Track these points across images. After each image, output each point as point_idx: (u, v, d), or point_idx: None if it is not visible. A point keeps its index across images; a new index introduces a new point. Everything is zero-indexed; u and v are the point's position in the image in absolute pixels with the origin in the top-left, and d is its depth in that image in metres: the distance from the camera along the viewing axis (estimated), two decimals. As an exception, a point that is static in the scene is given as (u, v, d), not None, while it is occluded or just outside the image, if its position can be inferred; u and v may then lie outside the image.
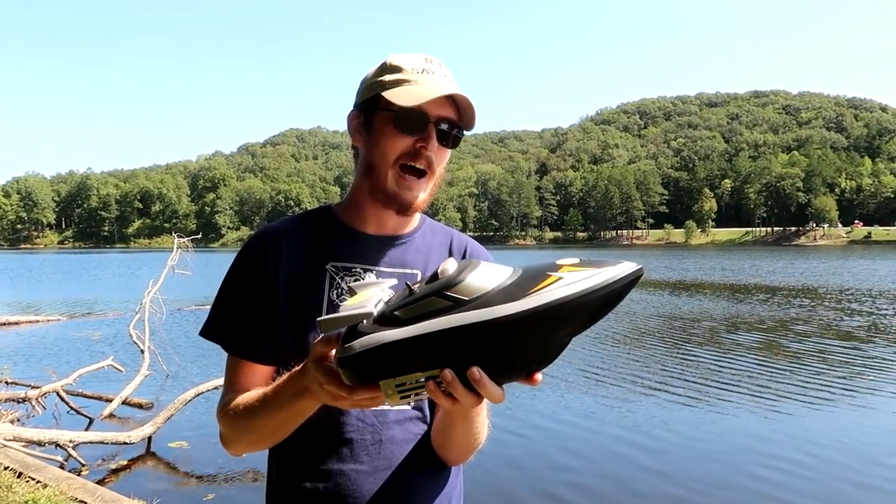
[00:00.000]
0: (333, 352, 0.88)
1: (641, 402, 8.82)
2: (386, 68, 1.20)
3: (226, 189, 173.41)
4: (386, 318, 0.84)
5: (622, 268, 0.79)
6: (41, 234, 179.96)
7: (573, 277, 0.78)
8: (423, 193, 1.21)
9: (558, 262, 0.82)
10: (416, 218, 1.34)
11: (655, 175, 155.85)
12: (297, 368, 1.02)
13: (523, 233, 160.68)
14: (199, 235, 14.03)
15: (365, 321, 0.85)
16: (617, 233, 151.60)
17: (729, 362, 11.40)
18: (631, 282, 0.79)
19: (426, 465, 1.25)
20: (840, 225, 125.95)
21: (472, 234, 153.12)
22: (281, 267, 1.23)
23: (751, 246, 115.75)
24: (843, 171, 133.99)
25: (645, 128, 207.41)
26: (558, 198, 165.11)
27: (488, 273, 0.83)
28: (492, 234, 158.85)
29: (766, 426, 7.69)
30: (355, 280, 1.23)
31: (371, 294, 0.88)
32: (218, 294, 1.28)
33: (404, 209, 1.21)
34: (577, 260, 0.82)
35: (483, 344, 0.80)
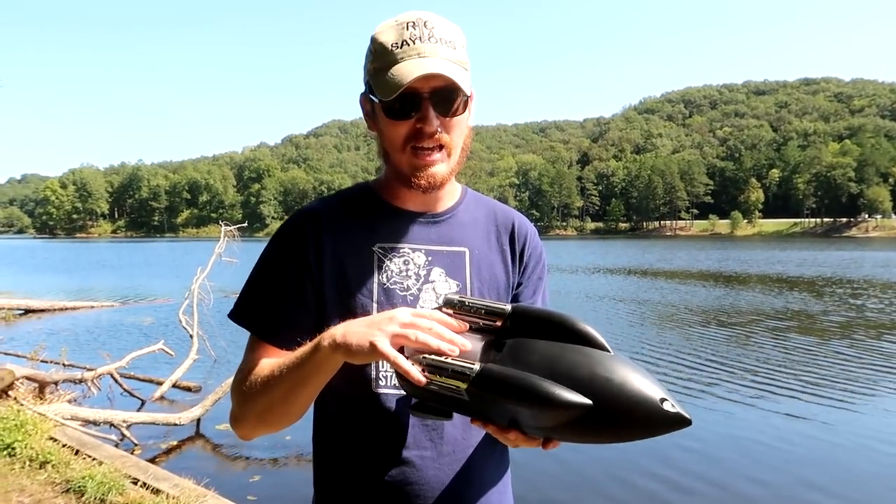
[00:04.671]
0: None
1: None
2: (371, 50, 1.14)
3: (270, 180, 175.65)
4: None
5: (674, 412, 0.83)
6: (95, 223, 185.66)
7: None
8: (444, 166, 1.15)
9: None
10: (458, 190, 1.30)
11: (700, 165, 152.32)
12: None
13: (564, 223, 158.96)
14: (245, 224, 14.26)
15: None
16: (660, 223, 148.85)
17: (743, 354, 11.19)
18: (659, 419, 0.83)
19: (488, 446, 1.21)
20: (894, 216, 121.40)
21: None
22: (324, 252, 1.17)
23: (799, 237, 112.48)
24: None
25: (690, 117, 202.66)
26: (600, 188, 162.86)
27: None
28: (532, 224, 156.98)
29: (769, 423, 7.56)
30: (404, 262, 1.20)
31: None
32: (251, 276, 1.21)
33: (429, 188, 1.15)
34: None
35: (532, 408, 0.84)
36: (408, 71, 1.07)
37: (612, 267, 35.83)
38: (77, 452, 5.07)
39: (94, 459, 4.89)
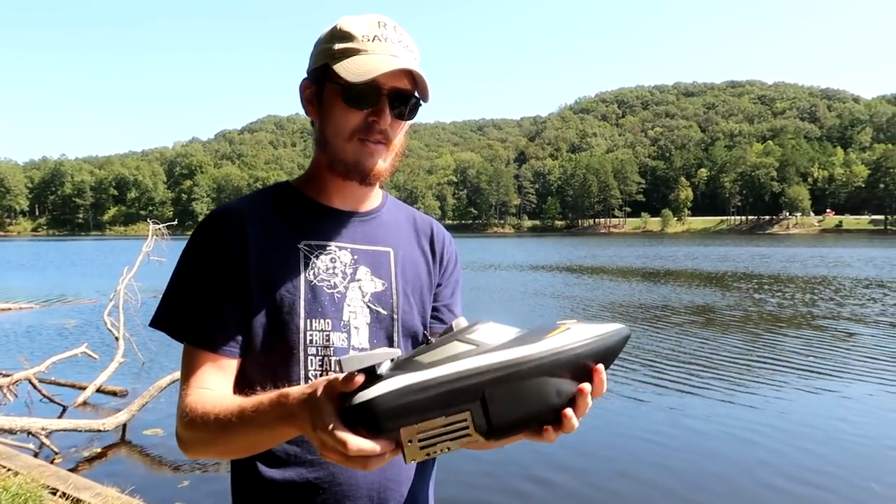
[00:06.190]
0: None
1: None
2: (336, 35, 1.13)
3: (203, 176, 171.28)
4: (404, 364, 0.82)
5: (618, 326, 0.87)
6: (14, 221, 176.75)
7: (580, 328, 0.85)
8: (382, 161, 1.16)
9: (559, 321, 0.89)
10: (379, 194, 1.31)
11: (633, 164, 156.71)
12: (291, 393, 0.90)
13: (502, 221, 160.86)
14: (176, 223, 13.86)
15: (384, 369, 0.82)
16: (594, 221, 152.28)
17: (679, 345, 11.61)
18: (624, 339, 0.87)
19: None
20: (812, 214, 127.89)
21: (450, 222, 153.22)
22: (250, 248, 1.13)
23: (725, 234, 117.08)
24: (815, 161, 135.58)
25: (623, 117, 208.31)
26: (537, 186, 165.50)
27: (500, 328, 0.87)
28: (471, 222, 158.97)
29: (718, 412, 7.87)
30: (331, 259, 1.19)
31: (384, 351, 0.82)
32: (173, 278, 1.15)
33: (365, 178, 1.16)
34: (574, 320, 0.88)
35: (508, 386, 0.80)
36: (381, 62, 1.09)
37: (542, 264, 36.53)
38: (-10, 463, 4.82)
39: (9, 470, 4.66)
